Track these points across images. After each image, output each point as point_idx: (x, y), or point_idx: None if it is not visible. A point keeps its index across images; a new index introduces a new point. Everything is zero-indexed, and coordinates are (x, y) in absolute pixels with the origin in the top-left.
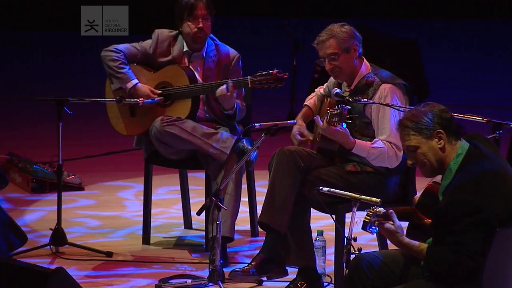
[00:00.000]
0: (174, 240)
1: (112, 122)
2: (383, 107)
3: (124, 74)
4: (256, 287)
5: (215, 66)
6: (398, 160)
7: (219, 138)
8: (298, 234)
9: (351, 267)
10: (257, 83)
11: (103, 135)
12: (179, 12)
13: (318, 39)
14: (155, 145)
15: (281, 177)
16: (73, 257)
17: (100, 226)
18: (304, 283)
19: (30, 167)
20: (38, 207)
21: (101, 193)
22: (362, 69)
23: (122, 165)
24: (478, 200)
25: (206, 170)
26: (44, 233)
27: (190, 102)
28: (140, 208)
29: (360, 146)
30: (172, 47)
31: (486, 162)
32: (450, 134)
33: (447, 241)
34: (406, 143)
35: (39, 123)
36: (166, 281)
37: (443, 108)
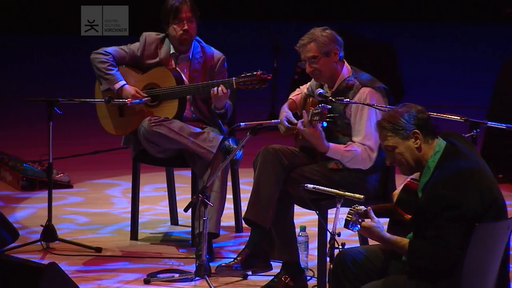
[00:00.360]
0: (161, 236)
1: (102, 122)
2: (361, 110)
3: (112, 75)
4: (242, 281)
5: (201, 68)
6: (371, 161)
7: (206, 137)
8: (282, 230)
9: (335, 262)
10: (241, 84)
11: (90, 134)
12: (164, 16)
13: (300, 42)
14: (143, 144)
15: (265, 175)
16: (63, 252)
17: (89, 222)
18: (287, 277)
19: (20, 165)
20: (28, 205)
21: (89, 191)
22: (343, 72)
23: (109, 163)
24: (455, 196)
25: (192, 168)
26: (35, 229)
27: (177, 103)
28: (127, 205)
29: (334, 150)
30: (159, 50)
31: (463, 160)
32: (427, 134)
33: (427, 236)
34: (384, 143)
35: (29, 123)
36: (154, 275)
37: (420, 109)
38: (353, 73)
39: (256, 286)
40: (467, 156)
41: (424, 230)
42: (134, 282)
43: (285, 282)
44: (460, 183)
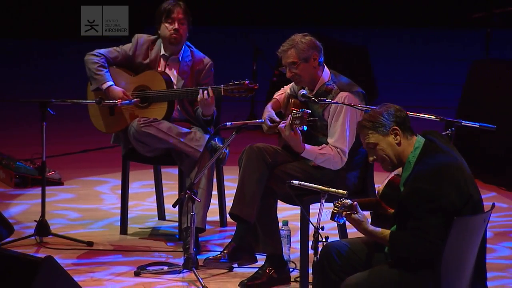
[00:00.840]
0: (150, 230)
1: (93, 120)
2: (337, 114)
3: (101, 76)
4: (228, 273)
5: (189, 70)
6: (342, 163)
7: (193, 137)
8: (266, 224)
9: (321, 255)
10: (229, 91)
11: (79, 134)
12: (158, 16)
13: (281, 48)
14: (133, 144)
15: (250, 172)
16: (56, 246)
17: (80, 218)
18: (272, 268)
19: (13, 163)
20: (22, 201)
21: (80, 188)
22: (323, 76)
23: (98, 162)
24: (435, 189)
25: (179, 166)
26: (28, 224)
27: (166, 105)
28: (116, 201)
29: (309, 152)
30: (150, 50)
31: (442, 155)
32: (405, 130)
33: (408, 227)
34: (366, 141)
35: (20, 124)
36: (144, 268)
37: (398, 108)
38: (333, 77)
39: (242, 278)
40: (446, 152)
41: (405, 222)
42: (125, 274)
43: (269, 273)
44: (439, 178)
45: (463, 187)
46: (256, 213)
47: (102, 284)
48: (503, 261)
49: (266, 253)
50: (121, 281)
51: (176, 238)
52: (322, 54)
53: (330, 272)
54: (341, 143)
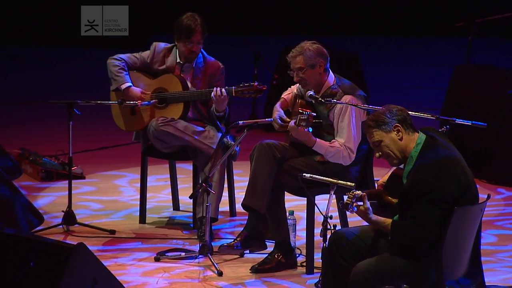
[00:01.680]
0: (166, 220)
1: (115, 119)
2: (343, 114)
3: (121, 77)
4: (239, 258)
5: (202, 75)
6: (351, 160)
7: (207, 135)
8: (275, 214)
9: (331, 241)
10: (240, 92)
11: (98, 132)
12: (178, 31)
13: (290, 54)
14: (152, 141)
15: (261, 167)
16: (82, 234)
17: (102, 208)
18: (280, 254)
19: (40, 159)
20: (48, 193)
21: (100, 181)
22: (329, 80)
23: (115, 157)
24: (435, 181)
25: (194, 162)
26: (55, 214)
27: (182, 106)
28: (134, 194)
29: (320, 145)
30: (166, 58)
31: (442, 150)
32: (407, 127)
33: (409, 216)
34: (372, 140)
35: (45, 123)
36: (163, 254)
37: (399, 108)
38: (337, 80)
39: (253, 263)
40: (445, 147)
41: (408, 212)
42: (146, 260)
43: (278, 259)
44: (439, 170)
45: (461, 179)
46: (266, 204)
47: (125, 269)
48: (489, 247)
49: (275, 240)
50: (143, 266)
51: (191, 227)
52: (328, 61)
53: (339, 257)
54: (348, 142)
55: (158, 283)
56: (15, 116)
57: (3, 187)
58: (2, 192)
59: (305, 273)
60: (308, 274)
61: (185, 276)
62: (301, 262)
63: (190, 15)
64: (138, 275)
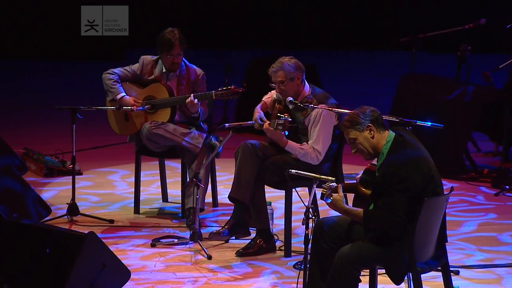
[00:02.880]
0: (157, 210)
1: (112, 125)
2: (316, 122)
3: (116, 89)
4: (225, 244)
5: (186, 82)
6: (318, 160)
7: (193, 135)
8: (257, 205)
9: (315, 229)
10: (219, 95)
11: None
12: (160, 45)
13: (271, 69)
14: (144, 142)
15: (245, 163)
16: (84, 224)
17: (99, 201)
18: (261, 240)
19: (42, 158)
20: (51, 188)
21: (96, 177)
22: (305, 90)
23: (108, 156)
24: (402, 173)
25: (182, 159)
26: (59, 206)
27: (170, 110)
28: (126, 187)
29: (291, 146)
30: (154, 69)
31: (408, 147)
32: (378, 126)
33: (379, 204)
34: (348, 137)
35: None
36: (158, 240)
37: (372, 109)
38: (312, 90)
39: (238, 248)
40: (412, 144)
41: (378, 200)
42: (143, 246)
43: (259, 244)
44: (406, 164)
45: (425, 172)
46: (249, 196)
47: (126, 254)
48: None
49: (257, 227)
50: (141, 251)
51: (179, 217)
52: (304, 74)
53: (322, 242)
54: (317, 145)
55: (156, 266)
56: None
57: (16, 183)
58: (15, 187)
59: (283, 256)
60: (286, 257)
61: (179, 260)
62: (279, 247)
63: (170, 30)
64: (137, 259)
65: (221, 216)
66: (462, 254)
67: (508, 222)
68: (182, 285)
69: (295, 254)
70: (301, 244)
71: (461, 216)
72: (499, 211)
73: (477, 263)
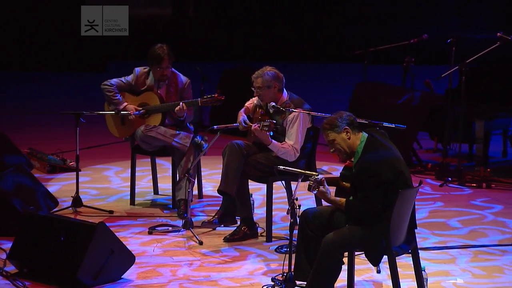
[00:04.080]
0: (149, 202)
1: (110, 129)
2: (293, 123)
3: (118, 100)
4: (214, 231)
5: (174, 90)
6: (295, 157)
7: (182, 136)
8: (242, 196)
9: (301, 218)
10: (204, 102)
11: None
12: (150, 59)
13: (254, 75)
14: (139, 143)
15: (231, 160)
16: (87, 214)
17: (98, 194)
18: (246, 227)
19: (45, 156)
20: (54, 183)
21: (92, 173)
22: (283, 96)
23: (102, 154)
24: (375, 169)
25: (172, 157)
26: (63, 199)
27: (161, 115)
28: (120, 182)
29: (274, 145)
30: (146, 79)
31: (379, 145)
32: (354, 128)
33: (358, 196)
34: (327, 139)
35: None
36: (154, 228)
37: (348, 113)
38: (289, 97)
39: (225, 234)
40: (382, 144)
41: (357, 193)
42: (141, 233)
43: (244, 231)
44: (378, 161)
45: (395, 166)
46: (236, 189)
47: (127, 240)
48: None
49: (241, 216)
50: (140, 238)
51: (170, 207)
52: (283, 83)
53: (307, 229)
54: (295, 144)
55: (154, 251)
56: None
57: (27, 179)
58: (27, 182)
59: (265, 241)
60: (268, 242)
61: (174, 245)
62: (260, 233)
63: (160, 46)
64: (137, 245)
65: (206, 207)
66: (419, 238)
67: (455, 209)
68: (180, 268)
69: (275, 239)
70: (279, 231)
71: None
72: (445, 200)
73: (432, 245)
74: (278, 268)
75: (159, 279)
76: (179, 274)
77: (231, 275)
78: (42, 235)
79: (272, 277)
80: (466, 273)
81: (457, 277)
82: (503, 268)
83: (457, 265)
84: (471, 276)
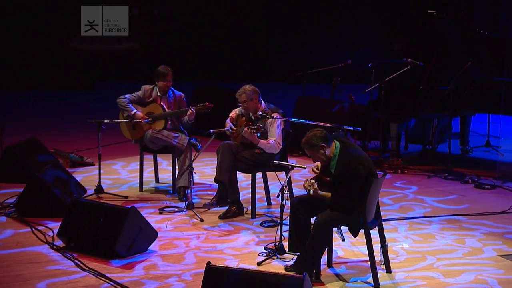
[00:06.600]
0: (153, 188)
1: (123, 132)
2: (271, 125)
3: (129, 108)
4: (209, 211)
5: (173, 101)
6: (279, 149)
7: (181, 138)
8: (232, 184)
9: (292, 203)
10: (198, 109)
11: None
12: (157, 75)
13: (237, 93)
14: (147, 143)
15: (225, 156)
16: (108, 200)
17: (112, 183)
18: (235, 207)
19: (67, 155)
20: (76, 175)
21: (103, 167)
22: (262, 106)
23: (108, 152)
24: (352, 169)
25: (172, 154)
26: (86, 187)
27: (164, 121)
28: (128, 174)
29: (262, 143)
30: (151, 93)
31: (351, 149)
32: (328, 142)
33: (339, 192)
34: (308, 154)
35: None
36: (162, 209)
37: (321, 131)
38: (267, 106)
39: (219, 213)
40: (351, 145)
41: (338, 189)
42: (153, 214)
43: (234, 210)
44: (353, 161)
45: (365, 164)
46: (228, 178)
47: None
48: None
49: (231, 199)
50: (153, 217)
51: (170, 193)
52: (260, 95)
53: (298, 212)
54: (278, 138)
55: (167, 227)
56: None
57: (62, 172)
58: (62, 175)
59: (251, 218)
60: (253, 218)
61: (181, 222)
62: (246, 212)
63: (164, 66)
64: (153, 223)
65: (199, 191)
66: None
67: (384, 190)
68: (190, 240)
69: (258, 216)
70: (261, 210)
71: None
72: None
73: None
74: (266, 239)
75: (177, 250)
76: (191, 245)
77: (232, 245)
78: (85, 217)
79: (265, 246)
80: (408, 239)
81: (402, 243)
82: (434, 234)
83: (399, 233)
84: (412, 241)
